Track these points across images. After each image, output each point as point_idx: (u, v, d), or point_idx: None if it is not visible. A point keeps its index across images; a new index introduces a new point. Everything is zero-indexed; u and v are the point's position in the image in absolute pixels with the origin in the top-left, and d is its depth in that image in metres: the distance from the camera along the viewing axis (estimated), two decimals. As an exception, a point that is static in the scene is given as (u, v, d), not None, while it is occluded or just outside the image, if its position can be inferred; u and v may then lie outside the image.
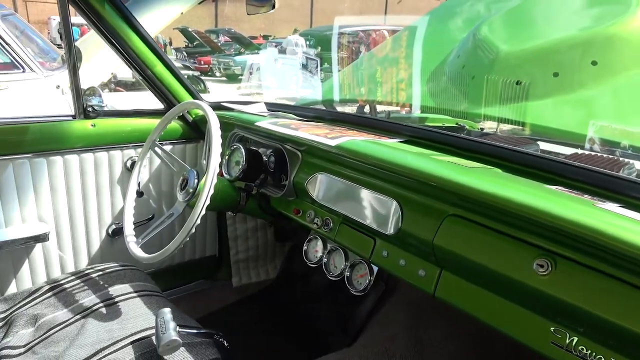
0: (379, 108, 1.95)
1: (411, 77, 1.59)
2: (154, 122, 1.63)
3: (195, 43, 15.12)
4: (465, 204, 0.87)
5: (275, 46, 11.65)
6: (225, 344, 1.09)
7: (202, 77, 10.07)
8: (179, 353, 1.01)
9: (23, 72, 3.25)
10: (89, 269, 1.38)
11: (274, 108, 1.63)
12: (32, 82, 3.26)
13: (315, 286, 1.74)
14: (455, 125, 1.55)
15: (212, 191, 1.11)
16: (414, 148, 1.12)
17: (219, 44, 15.80)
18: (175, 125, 1.65)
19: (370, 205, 1.07)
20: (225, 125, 1.26)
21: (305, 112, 1.57)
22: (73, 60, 1.50)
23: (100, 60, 2.89)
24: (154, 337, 1.04)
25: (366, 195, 1.07)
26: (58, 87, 3.39)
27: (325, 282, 1.42)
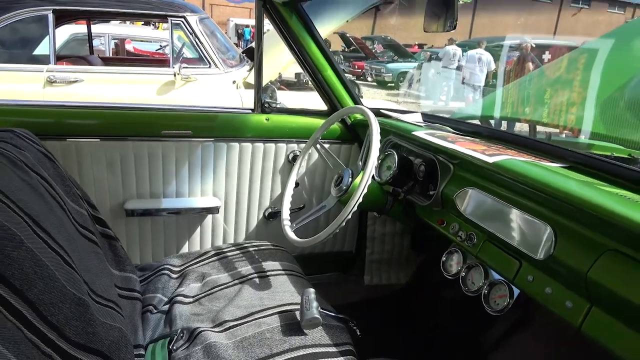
0: (538, 129, 1.86)
1: (584, 100, 1.49)
2: (316, 121, 1.79)
3: (351, 48, 15.70)
4: (631, 240, 0.82)
5: (431, 56, 11.54)
6: (358, 332, 1.17)
7: (356, 81, 10.44)
8: (318, 331, 1.12)
9: (209, 67, 3.76)
10: (247, 243, 1.58)
11: (431, 119, 1.67)
12: (215, 76, 3.76)
13: (447, 299, 1.74)
14: (627, 156, 1.42)
15: (365, 190, 1.20)
16: (577, 175, 1.07)
17: (374, 51, 16.18)
18: (335, 126, 1.79)
19: (521, 227, 1.05)
20: (382, 132, 1.34)
21: (462, 126, 1.58)
22: (259, 61, 1.72)
23: (271, 61, 3.22)
24: (297, 312, 1.17)
25: (518, 216, 1.06)
26: (234, 82, 3.85)
27: (458, 297, 1.41)
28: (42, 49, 3.59)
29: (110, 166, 1.60)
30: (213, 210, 1.76)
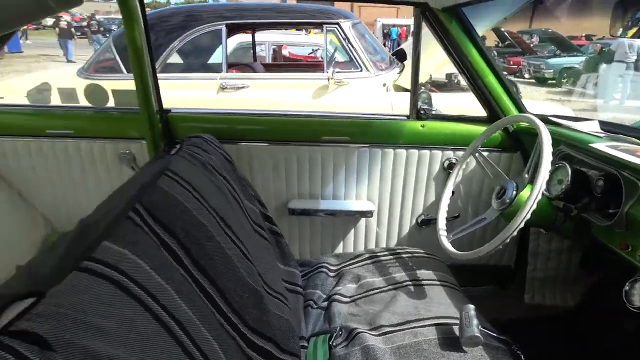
0: None
1: None
2: (474, 128, 1.73)
3: (506, 43, 14.70)
4: None
5: (602, 48, 10.21)
6: (522, 357, 1.11)
7: (511, 79, 9.74)
8: (478, 350, 1.08)
9: (360, 71, 3.86)
10: (399, 249, 1.60)
11: (611, 128, 1.49)
12: (366, 79, 3.85)
13: (626, 332, 1.54)
14: None
15: (535, 206, 1.13)
16: None
17: (532, 45, 14.91)
18: (495, 133, 1.71)
19: None
20: (553, 141, 1.24)
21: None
22: (416, 69, 1.72)
23: (423, 63, 3.18)
24: (455, 327, 1.15)
25: None
26: (384, 85, 3.89)
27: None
28: (215, 58, 4.07)
29: (275, 168, 1.75)
30: (367, 214, 1.81)
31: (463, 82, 5.66)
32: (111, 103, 1.74)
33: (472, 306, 1.15)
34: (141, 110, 1.52)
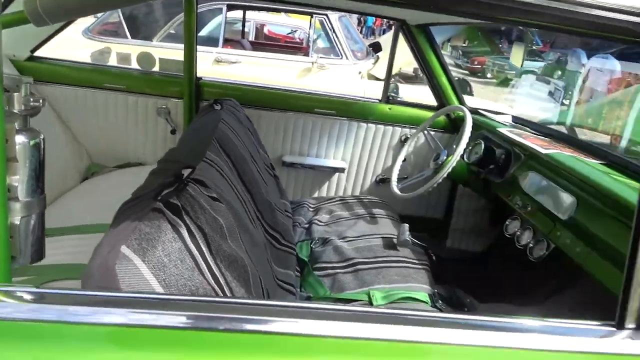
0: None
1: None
2: (427, 113, 2.33)
3: (475, 42, 15.44)
4: (622, 210, 1.27)
5: (560, 57, 11.11)
6: (434, 257, 1.73)
7: (470, 78, 10.48)
8: (407, 250, 1.70)
9: (341, 58, 4.42)
10: (362, 196, 2.20)
11: (517, 121, 2.14)
12: (344, 67, 4.41)
13: (519, 267, 2.15)
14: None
15: (454, 164, 1.75)
16: (605, 168, 1.51)
17: (500, 46, 15.72)
18: (441, 118, 2.32)
19: (557, 198, 1.53)
20: (476, 126, 1.85)
21: (539, 128, 2.03)
22: (390, 66, 2.31)
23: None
24: (394, 239, 1.76)
25: (556, 191, 1.54)
26: (359, 72, 4.47)
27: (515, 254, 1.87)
28: (209, 32, 4.53)
29: (276, 129, 2.31)
30: (340, 170, 2.40)
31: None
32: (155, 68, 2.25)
33: (406, 225, 1.76)
34: (185, 74, 2.05)
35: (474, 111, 2.19)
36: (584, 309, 1.07)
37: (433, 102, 2.41)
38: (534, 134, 1.94)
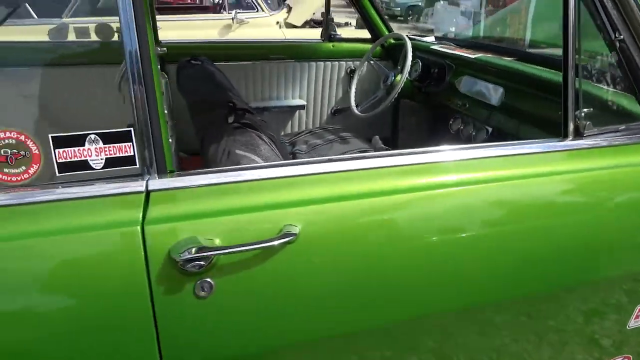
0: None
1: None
2: (362, 46, 2.70)
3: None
4: (534, 83, 1.76)
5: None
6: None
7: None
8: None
9: (257, 11, 4.60)
10: (327, 126, 2.56)
11: (440, 41, 2.59)
12: (262, 19, 4.61)
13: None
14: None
15: (403, 82, 2.15)
16: (518, 62, 2.00)
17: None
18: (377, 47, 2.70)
19: (489, 90, 2.00)
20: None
21: (459, 42, 2.49)
22: (328, 9, 2.61)
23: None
24: (369, 150, 2.15)
25: (487, 85, 2.01)
26: (277, 22, 4.70)
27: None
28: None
29: (238, 80, 2.56)
30: (301, 108, 2.73)
31: (339, 19, 6.57)
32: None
33: (377, 136, 2.16)
34: None
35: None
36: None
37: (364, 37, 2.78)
38: (459, 47, 2.40)
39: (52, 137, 0.79)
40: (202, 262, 0.78)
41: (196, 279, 0.81)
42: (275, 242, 0.81)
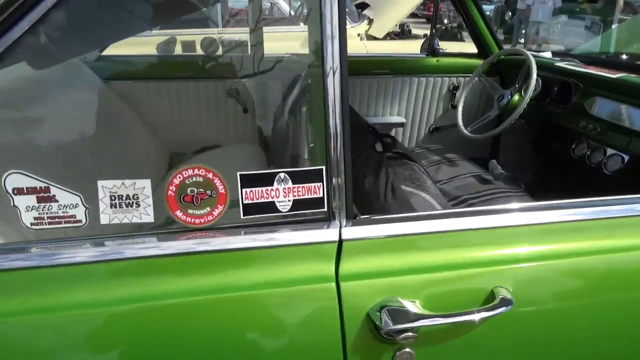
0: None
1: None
2: (469, 61, 2.53)
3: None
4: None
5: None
6: (523, 186, 1.97)
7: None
8: (500, 183, 1.93)
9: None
10: (427, 145, 2.40)
11: (558, 56, 2.38)
12: (344, 30, 4.52)
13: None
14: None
15: (526, 103, 1.97)
16: None
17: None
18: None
19: (630, 116, 1.78)
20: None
21: (582, 58, 2.28)
22: (434, 22, 2.48)
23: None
24: (484, 175, 1.98)
25: (628, 109, 1.79)
26: (358, 34, 4.60)
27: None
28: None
29: None
30: (398, 125, 2.59)
31: (413, 31, 6.45)
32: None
33: (494, 160, 1.99)
34: None
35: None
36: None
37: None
38: (586, 64, 2.18)
39: (240, 175, 0.70)
40: (409, 334, 0.66)
41: (396, 347, 0.69)
42: (496, 311, 0.68)
